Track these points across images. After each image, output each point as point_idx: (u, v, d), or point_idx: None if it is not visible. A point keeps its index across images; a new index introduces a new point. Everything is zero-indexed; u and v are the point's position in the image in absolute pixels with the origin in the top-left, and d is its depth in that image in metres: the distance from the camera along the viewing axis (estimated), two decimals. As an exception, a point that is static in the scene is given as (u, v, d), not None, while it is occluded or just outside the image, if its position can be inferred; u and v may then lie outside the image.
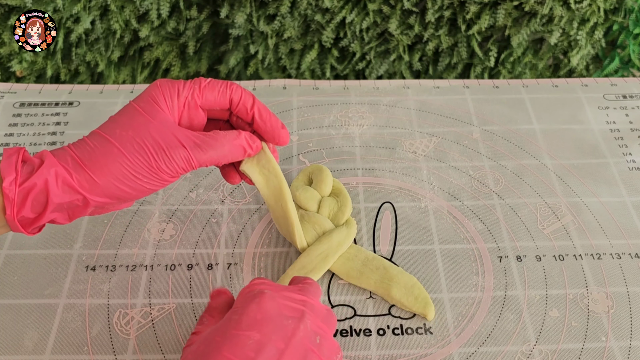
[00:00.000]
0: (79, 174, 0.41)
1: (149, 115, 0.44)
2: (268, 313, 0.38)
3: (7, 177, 0.39)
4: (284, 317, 0.38)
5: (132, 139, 0.42)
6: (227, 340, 0.36)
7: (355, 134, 0.65)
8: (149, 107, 0.44)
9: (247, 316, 0.38)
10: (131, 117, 0.44)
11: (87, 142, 0.43)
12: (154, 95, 0.45)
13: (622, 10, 1.00)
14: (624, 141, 0.64)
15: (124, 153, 0.42)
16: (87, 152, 0.42)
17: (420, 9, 0.99)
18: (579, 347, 0.47)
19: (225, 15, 0.99)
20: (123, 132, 0.43)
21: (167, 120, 0.44)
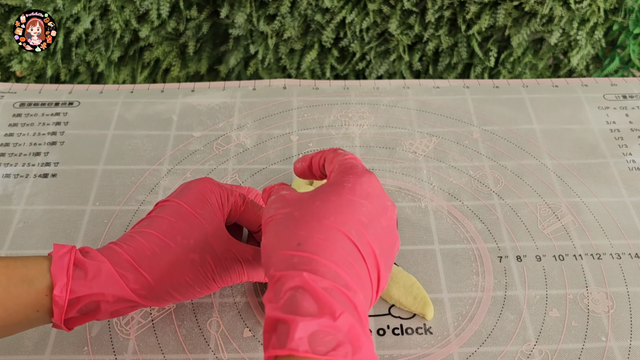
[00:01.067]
0: (137, 282, 0.40)
1: (206, 222, 0.43)
2: (376, 190, 0.39)
3: (58, 282, 0.38)
4: (385, 197, 0.40)
5: (194, 249, 0.42)
6: (345, 203, 0.37)
7: (355, 134, 0.65)
8: (206, 213, 0.43)
9: (361, 187, 0.39)
10: (190, 223, 0.42)
11: (144, 244, 0.41)
12: (206, 197, 0.44)
13: (622, 10, 1.00)
14: (624, 141, 0.64)
15: (187, 263, 0.41)
16: (147, 257, 0.40)
17: (420, 9, 0.99)
18: (579, 347, 0.47)
19: (225, 15, 0.99)
20: (184, 240, 0.42)
21: (222, 230, 0.44)
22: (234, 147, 0.63)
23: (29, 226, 0.55)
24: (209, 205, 0.44)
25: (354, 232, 0.36)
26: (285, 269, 0.34)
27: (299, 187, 0.56)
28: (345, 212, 0.37)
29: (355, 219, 0.37)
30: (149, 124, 0.65)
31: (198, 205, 0.43)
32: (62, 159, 0.61)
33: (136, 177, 0.60)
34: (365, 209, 0.37)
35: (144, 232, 0.42)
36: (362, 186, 0.39)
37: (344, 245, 0.35)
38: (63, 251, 0.39)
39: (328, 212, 0.37)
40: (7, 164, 0.61)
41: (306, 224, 0.36)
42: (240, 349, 0.47)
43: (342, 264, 0.35)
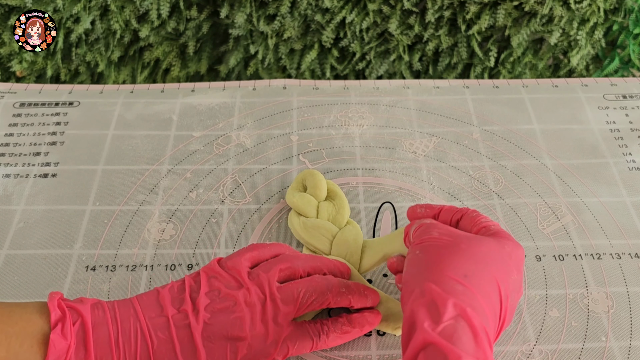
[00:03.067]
0: None
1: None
2: (522, 266, 0.43)
3: None
4: (521, 272, 0.43)
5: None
6: (503, 263, 0.40)
7: (355, 134, 0.65)
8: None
9: (517, 257, 0.42)
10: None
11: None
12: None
13: (622, 10, 1.00)
14: (624, 141, 0.64)
15: None
16: None
17: (420, 9, 0.99)
18: (579, 347, 0.47)
19: (225, 15, 0.99)
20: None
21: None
22: (234, 147, 0.63)
23: (29, 226, 0.55)
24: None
25: (503, 290, 0.39)
26: (447, 292, 0.36)
27: (293, 196, 0.55)
28: (502, 270, 0.40)
29: (508, 279, 0.40)
30: (149, 124, 0.65)
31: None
32: (62, 159, 0.61)
33: (136, 177, 0.60)
34: (513, 278, 0.40)
35: (143, 343, 0.40)
36: (518, 257, 0.42)
37: (496, 294, 0.38)
38: (59, 352, 0.38)
39: (493, 260, 0.40)
40: (7, 164, 0.61)
41: (474, 261, 0.39)
42: (240, 349, 0.47)
43: (492, 310, 0.38)
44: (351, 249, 0.51)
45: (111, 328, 0.40)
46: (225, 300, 0.42)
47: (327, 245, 0.52)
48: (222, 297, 0.42)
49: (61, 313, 0.39)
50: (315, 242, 0.52)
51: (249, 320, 0.41)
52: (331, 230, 0.53)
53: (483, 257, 0.39)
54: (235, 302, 0.42)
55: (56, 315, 0.39)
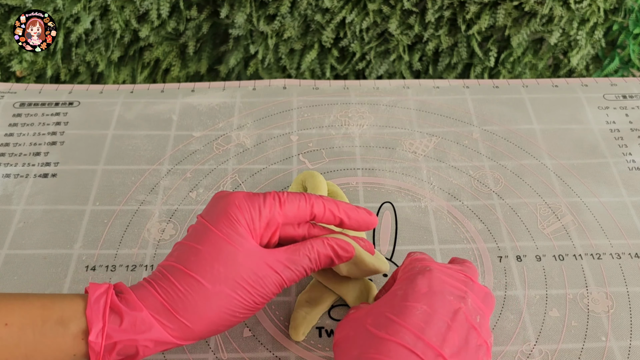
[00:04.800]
0: (173, 325, 0.38)
1: (237, 244, 0.40)
2: (434, 288, 0.39)
3: (94, 327, 0.37)
4: (448, 293, 0.39)
5: (225, 278, 0.39)
6: (397, 310, 0.38)
7: (355, 134, 0.65)
8: (234, 234, 0.41)
9: (414, 290, 0.39)
10: (218, 250, 0.40)
11: (175, 284, 0.39)
12: (235, 216, 0.41)
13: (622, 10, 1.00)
14: (624, 141, 0.65)
15: (220, 296, 0.39)
16: (180, 298, 0.39)
17: (420, 9, 0.99)
18: (579, 347, 0.47)
19: (225, 15, 0.99)
20: (214, 270, 0.39)
21: (253, 247, 0.41)
22: (234, 147, 0.63)
23: (29, 226, 0.55)
24: (236, 224, 0.41)
25: (409, 340, 0.36)
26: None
27: None
28: (398, 323, 0.37)
29: (410, 326, 0.37)
30: (149, 124, 0.65)
31: (225, 225, 0.41)
32: (62, 159, 0.61)
33: (136, 177, 0.60)
34: (419, 312, 0.38)
35: (173, 267, 0.40)
36: (415, 289, 0.39)
37: (401, 356, 0.36)
38: (99, 292, 0.38)
39: (380, 325, 0.38)
40: (7, 164, 0.61)
41: (364, 344, 0.38)
42: (240, 349, 0.47)
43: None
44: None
45: (149, 284, 0.40)
46: None
47: None
48: None
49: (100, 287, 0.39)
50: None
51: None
52: (333, 231, 0.53)
53: (372, 330, 0.38)
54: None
55: (94, 287, 0.39)
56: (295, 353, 0.47)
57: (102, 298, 0.38)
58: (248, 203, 0.42)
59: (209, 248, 0.40)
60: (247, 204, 0.42)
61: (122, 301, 0.38)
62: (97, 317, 0.37)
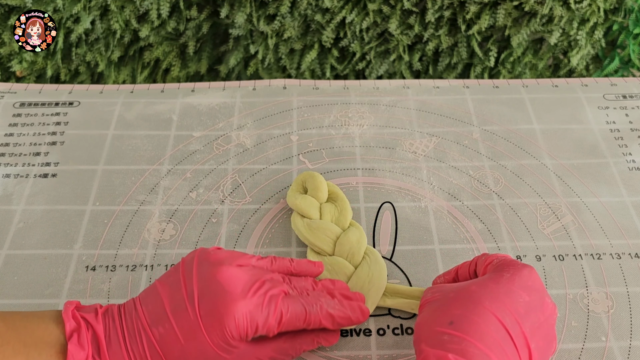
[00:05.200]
0: None
1: (224, 352, 0.40)
2: (536, 284, 0.40)
3: None
4: (545, 295, 0.40)
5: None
6: (503, 290, 0.38)
7: (355, 134, 0.65)
8: (224, 344, 0.40)
9: (520, 278, 0.40)
10: (204, 355, 0.40)
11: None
12: (230, 333, 0.39)
13: (622, 10, 1.00)
14: (624, 141, 0.64)
15: None
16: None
17: (420, 9, 0.99)
18: (579, 347, 0.47)
19: (225, 15, 0.99)
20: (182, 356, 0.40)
21: (242, 351, 0.40)
22: (234, 147, 0.63)
23: (29, 226, 0.55)
24: (229, 339, 0.39)
25: (508, 320, 0.37)
26: (435, 347, 0.35)
27: (296, 197, 0.55)
28: (502, 299, 0.38)
29: (512, 307, 0.37)
30: (149, 124, 0.65)
31: (217, 335, 0.39)
32: (62, 159, 0.61)
33: (136, 177, 0.60)
34: (522, 300, 0.38)
35: (154, 350, 0.40)
36: (522, 278, 0.40)
37: (497, 331, 0.36)
38: (81, 344, 0.38)
39: (484, 296, 0.38)
40: (7, 164, 0.61)
41: (461, 304, 0.38)
42: (240, 349, 0.47)
43: (494, 348, 0.35)
44: (353, 250, 0.51)
45: (120, 335, 0.40)
46: None
47: (330, 246, 0.52)
48: None
49: (76, 323, 0.39)
50: (319, 243, 0.52)
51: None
52: (335, 231, 0.53)
53: (472, 297, 0.38)
54: None
55: (71, 326, 0.39)
56: (295, 353, 0.47)
57: (83, 349, 0.38)
58: (247, 323, 0.40)
59: (195, 351, 0.39)
60: (246, 323, 0.40)
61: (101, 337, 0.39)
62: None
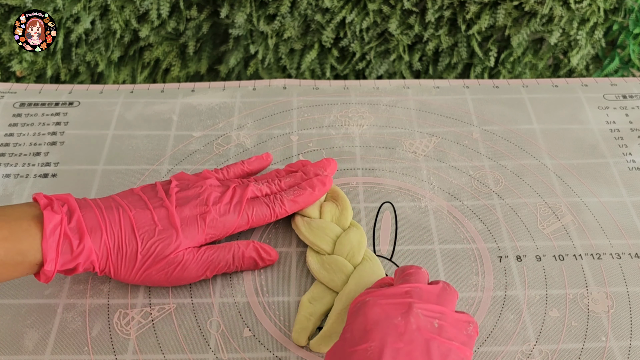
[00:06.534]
0: (106, 266, 0.47)
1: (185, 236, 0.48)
2: (374, 319, 0.38)
3: (49, 259, 0.43)
4: (392, 318, 0.38)
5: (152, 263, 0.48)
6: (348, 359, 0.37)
7: (355, 134, 0.65)
8: (187, 231, 0.48)
9: (357, 330, 0.38)
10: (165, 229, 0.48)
11: (120, 237, 0.47)
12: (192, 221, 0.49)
13: (622, 10, 1.00)
14: (624, 141, 0.65)
15: (144, 266, 0.47)
16: (116, 250, 0.46)
17: (420, 9, 0.99)
18: (579, 347, 0.47)
19: (225, 15, 0.99)
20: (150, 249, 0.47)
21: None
22: (234, 147, 0.63)
23: (29, 226, 0.55)
24: (188, 228, 0.48)
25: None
26: None
27: None
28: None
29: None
30: (149, 124, 0.65)
31: (183, 222, 0.48)
32: (62, 159, 0.61)
33: (136, 177, 0.60)
34: (368, 353, 0.37)
35: (127, 217, 0.47)
36: (359, 329, 0.38)
37: None
38: (53, 223, 0.43)
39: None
40: (7, 164, 0.61)
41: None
42: (240, 349, 0.47)
43: None
44: (354, 250, 0.51)
45: (94, 207, 0.47)
46: (194, 188, 0.50)
47: (330, 245, 0.52)
48: (190, 186, 0.50)
49: (48, 200, 0.45)
50: (319, 242, 0.52)
51: (212, 198, 0.49)
52: (335, 231, 0.53)
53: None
54: (202, 187, 0.50)
55: (45, 202, 0.45)
56: (295, 353, 0.47)
57: (56, 230, 0.43)
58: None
59: (161, 226, 0.48)
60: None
61: (72, 231, 0.44)
62: (52, 250, 0.43)
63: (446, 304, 0.40)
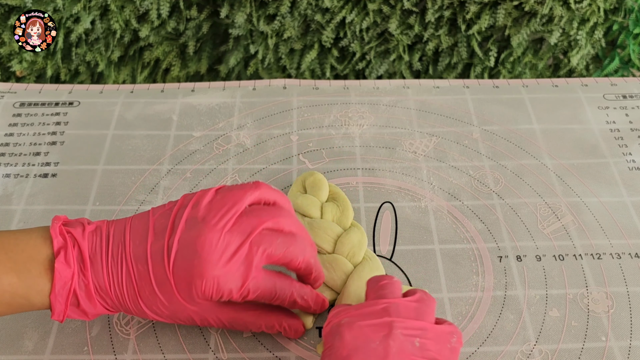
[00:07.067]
0: (116, 310, 0.44)
1: (189, 303, 0.42)
2: (353, 345, 0.37)
3: (56, 311, 0.41)
4: (370, 341, 0.37)
5: (169, 317, 0.44)
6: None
7: (355, 134, 0.65)
8: (190, 298, 0.42)
9: (337, 357, 0.37)
10: (170, 301, 0.42)
11: (126, 298, 0.43)
12: (197, 292, 0.41)
13: (622, 10, 1.00)
14: (624, 141, 0.65)
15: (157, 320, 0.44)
16: (125, 307, 0.43)
17: (420, 9, 0.99)
18: (579, 347, 0.47)
19: (225, 15, 0.99)
20: (159, 309, 0.43)
21: (204, 306, 0.43)
22: (234, 147, 0.63)
23: (28, 226, 0.55)
24: (196, 299, 0.42)
25: None
26: None
27: (297, 197, 0.55)
28: None
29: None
30: (149, 124, 0.65)
31: (185, 292, 0.41)
32: (62, 159, 0.61)
33: (136, 177, 0.60)
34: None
35: (130, 281, 0.42)
36: (337, 356, 0.37)
37: None
38: (64, 280, 0.40)
39: None
40: (7, 164, 0.61)
41: None
42: (240, 349, 0.47)
43: None
44: (354, 250, 0.51)
45: (104, 258, 0.42)
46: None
47: (331, 244, 0.52)
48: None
49: (63, 240, 0.41)
50: (320, 242, 0.52)
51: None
52: (336, 231, 0.53)
53: None
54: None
55: (59, 243, 0.41)
56: (295, 353, 0.47)
57: (66, 286, 0.40)
58: (214, 288, 0.41)
59: (164, 296, 0.42)
60: (212, 287, 0.41)
61: (81, 292, 0.41)
62: (60, 305, 0.41)
63: (425, 317, 0.39)
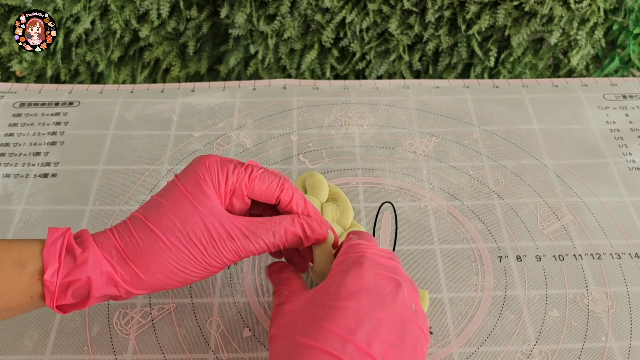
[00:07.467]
0: (123, 269, 0.39)
1: (197, 201, 0.41)
2: (366, 284, 0.38)
3: (49, 267, 0.37)
4: (381, 287, 0.38)
5: (179, 232, 0.40)
6: (326, 312, 0.36)
7: (355, 134, 0.65)
8: (197, 192, 0.41)
9: (345, 287, 0.37)
10: (178, 204, 0.41)
11: (132, 231, 0.40)
12: (202, 176, 0.42)
13: (622, 10, 1.00)
14: (624, 141, 0.65)
15: (170, 249, 0.40)
16: (133, 244, 0.40)
17: (420, 9, 0.99)
18: (579, 347, 0.47)
19: (225, 15, 0.99)
20: (170, 223, 0.40)
21: (214, 207, 0.41)
22: (234, 147, 0.63)
23: (29, 226, 0.55)
24: (202, 183, 0.41)
25: (337, 344, 0.35)
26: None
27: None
28: (324, 325, 0.36)
29: (337, 328, 0.35)
30: (149, 124, 0.65)
31: (191, 182, 0.41)
32: (62, 159, 0.61)
33: (136, 177, 0.60)
34: (350, 312, 0.36)
35: (135, 217, 0.41)
36: (347, 286, 0.37)
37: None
38: (56, 235, 0.39)
39: (309, 330, 0.36)
40: (7, 164, 0.61)
41: (288, 349, 0.36)
42: (240, 349, 0.47)
43: None
44: None
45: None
46: None
47: None
48: None
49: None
50: None
51: None
52: (336, 231, 0.53)
53: (301, 333, 0.37)
54: None
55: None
56: (295, 353, 0.47)
57: (59, 240, 0.39)
58: (218, 166, 0.42)
59: (171, 202, 0.41)
60: (216, 166, 0.42)
61: (79, 243, 0.39)
62: (53, 258, 0.38)
63: (416, 291, 0.41)
